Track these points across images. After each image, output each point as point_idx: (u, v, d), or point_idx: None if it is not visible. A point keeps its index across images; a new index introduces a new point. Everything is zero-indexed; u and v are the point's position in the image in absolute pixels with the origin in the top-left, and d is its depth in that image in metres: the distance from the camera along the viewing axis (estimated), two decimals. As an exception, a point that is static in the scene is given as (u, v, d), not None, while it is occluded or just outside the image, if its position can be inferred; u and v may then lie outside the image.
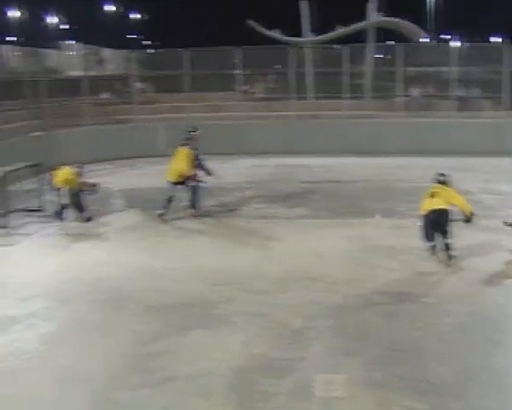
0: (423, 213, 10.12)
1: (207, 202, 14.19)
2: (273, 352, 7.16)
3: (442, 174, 10.48)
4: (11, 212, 13.32)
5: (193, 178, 13.41)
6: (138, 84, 25.74)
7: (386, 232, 11.94)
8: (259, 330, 7.74)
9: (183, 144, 13.74)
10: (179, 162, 13.35)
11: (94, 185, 13.67)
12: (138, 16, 74.31)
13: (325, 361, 6.91)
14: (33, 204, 14.25)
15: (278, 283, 9.35)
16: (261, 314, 8.21)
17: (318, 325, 7.81)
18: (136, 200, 15.10)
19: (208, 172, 13.82)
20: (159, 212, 13.19)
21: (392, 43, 27.29)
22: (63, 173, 13.29)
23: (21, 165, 14.05)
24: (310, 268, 9.97)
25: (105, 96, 27.15)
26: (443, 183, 10.34)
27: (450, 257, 9.83)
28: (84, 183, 13.44)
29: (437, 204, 9.96)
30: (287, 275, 9.68)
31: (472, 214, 10.07)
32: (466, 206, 10.09)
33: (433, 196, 10.12)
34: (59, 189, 13.25)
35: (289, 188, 16.11)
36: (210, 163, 14.04)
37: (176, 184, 13.33)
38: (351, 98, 23.72)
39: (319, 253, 10.78)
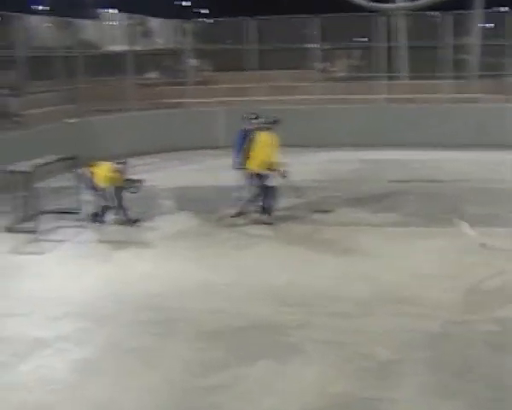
0: None
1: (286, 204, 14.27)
2: (354, 390, 7.08)
3: None
4: (40, 214, 13.60)
5: (279, 172, 13.53)
6: (193, 61, 25.95)
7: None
8: (338, 362, 7.67)
9: (266, 129, 13.79)
10: (264, 149, 13.44)
11: (139, 182, 13.84)
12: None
13: (419, 404, 6.81)
14: (67, 205, 14.55)
15: (362, 305, 9.28)
16: (340, 343, 8.15)
17: (410, 358, 7.70)
18: (189, 201, 15.25)
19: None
20: (232, 213, 13.38)
21: (506, 9, 26.81)
22: (103, 170, 13.50)
23: (52, 158, 14.30)
24: (400, 288, 9.87)
25: (152, 75, 27.47)
26: None
27: None
28: (128, 181, 13.62)
29: None
30: (372, 295, 9.60)
31: None
32: None
33: None
34: (98, 188, 13.47)
35: (375, 188, 16.00)
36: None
37: (254, 176, 13.52)
38: (452, 78, 23.40)
39: (412, 269, 10.67)
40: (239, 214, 13.49)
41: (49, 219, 13.96)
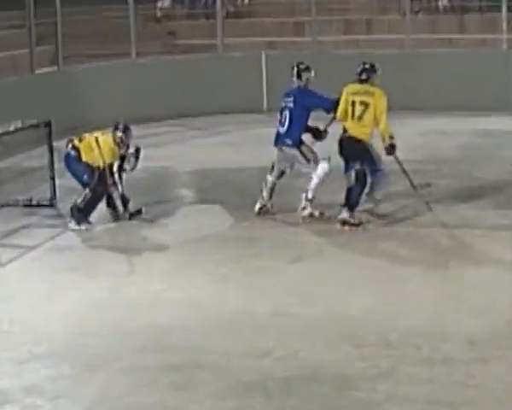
0: None
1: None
2: None
3: None
4: (1, 207, 13.73)
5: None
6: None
7: None
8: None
9: (362, 81, 14.02)
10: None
11: (136, 154, 13.88)
12: None
13: None
14: (38, 194, 14.68)
15: (475, 346, 9.27)
16: (442, 403, 8.14)
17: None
18: (216, 190, 15.31)
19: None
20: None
21: None
22: (105, 142, 13.65)
23: (18, 125, 14.43)
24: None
25: (165, 3, 27.63)
26: None
27: None
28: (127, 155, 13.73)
29: None
30: (490, 332, 9.58)
31: None
32: None
33: None
34: (92, 169, 13.58)
35: (497, 174, 15.91)
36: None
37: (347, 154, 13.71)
38: None
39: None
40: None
41: (13, 214, 14.10)
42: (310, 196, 13.50)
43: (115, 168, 13.70)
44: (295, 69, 13.98)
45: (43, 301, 10.93)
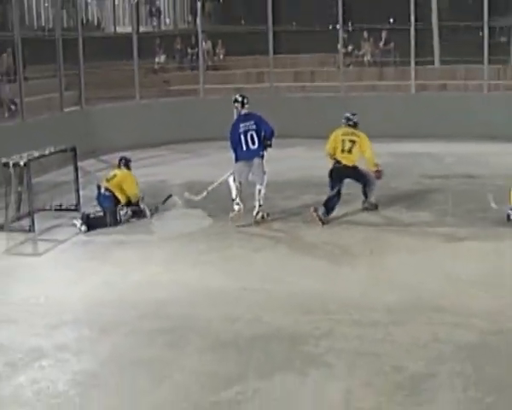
0: None
1: (294, 204, 14.27)
2: (384, 406, 7.04)
3: None
4: (36, 211, 13.65)
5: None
6: (205, 44, 25.98)
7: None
8: (365, 375, 7.64)
9: (350, 126, 14.25)
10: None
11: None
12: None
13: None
14: (65, 202, 14.64)
15: (392, 313, 9.25)
16: (368, 354, 8.13)
17: (445, 371, 7.66)
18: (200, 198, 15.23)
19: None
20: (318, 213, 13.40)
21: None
22: (131, 187, 14.02)
23: (50, 150, 14.37)
24: (434, 294, 9.83)
25: (161, 59, 27.57)
26: None
27: None
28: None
29: None
30: (404, 303, 9.57)
31: None
32: None
33: None
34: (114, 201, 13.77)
35: (408, 185, 15.94)
36: (297, 150, 14.04)
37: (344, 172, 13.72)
38: (492, 63, 23.32)
39: (447, 274, 10.63)
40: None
41: (46, 217, 14.04)
42: (261, 202, 13.45)
43: (140, 200, 14.04)
44: (244, 99, 13.79)
45: (69, 281, 10.87)
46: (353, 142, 13.77)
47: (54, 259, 12.08)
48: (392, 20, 26.14)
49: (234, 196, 13.35)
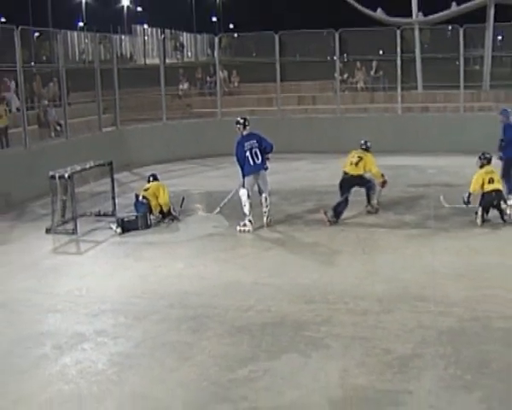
0: None
1: (298, 209, 14.25)
2: (374, 382, 7.03)
3: None
4: (79, 216, 13.69)
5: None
6: (222, 73, 26.02)
7: (509, 245, 11.77)
8: (359, 356, 7.64)
9: (363, 149, 14.45)
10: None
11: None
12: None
13: (437, 396, 6.76)
14: (103, 208, 14.71)
15: (382, 303, 9.24)
16: (361, 338, 8.12)
17: (429, 353, 7.65)
18: (218, 204, 15.24)
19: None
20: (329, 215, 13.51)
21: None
22: (163, 196, 14.09)
23: (90, 164, 14.41)
24: (418, 286, 9.81)
25: (184, 86, 27.62)
26: None
27: None
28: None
29: None
30: (392, 294, 9.54)
31: None
32: None
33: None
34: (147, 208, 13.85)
35: (396, 192, 15.87)
36: (301, 163, 14.00)
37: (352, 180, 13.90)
38: (466, 88, 23.30)
39: (428, 268, 10.62)
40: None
41: (87, 221, 14.09)
42: (269, 208, 13.46)
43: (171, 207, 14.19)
44: (245, 121, 13.71)
45: (107, 276, 10.90)
46: (360, 158, 14.01)
47: (94, 257, 12.11)
48: (381, 52, 26.13)
49: (247, 212, 13.24)
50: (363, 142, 14.59)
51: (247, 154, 13.30)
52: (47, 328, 8.81)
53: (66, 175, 13.30)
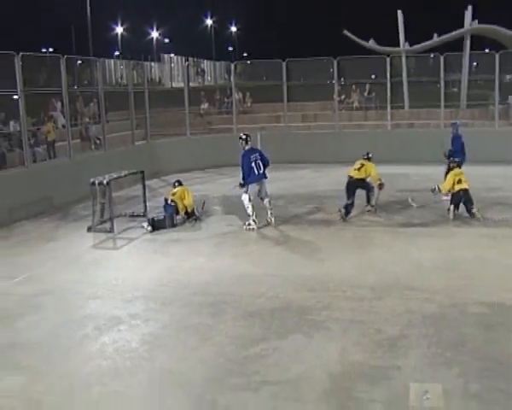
0: None
1: (301, 210, 14.23)
2: (368, 359, 7.03)
3: None
4: (116, 217, 13.72)
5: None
6: (237, 95, 26.04)
7: (481, 241, 11.73)
8: (355, 337, 7.62)
9: (365, 159, 14.43)
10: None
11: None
12: (234, 29, 75.77)
13: (420, 371, 6.74)
14: (136, 210, 14.73)
15: (375, 291, 9.20)
16: (357, 322, 8.09)
17: (414, 334, 7.63)
18: (232, 207, 15.20)
19: None
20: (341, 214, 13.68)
21: (487, 51, 26.66)
22: (189, 198, 14.13)
23: (125, 172, 14.44)
24: (406, 277, 9.78)
25: (204, 106, 27.64)
26: None
27: None
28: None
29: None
30: (383, 283, 9.51)
31: None
32: None
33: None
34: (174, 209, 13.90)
35: (386, 196, 15.78)
36: (304, 172, 13.98)
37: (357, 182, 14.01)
38: (446, 107, 23.27)
39: (415, 262, 10.60)
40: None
41: (122, 221, 14.12)
42: (272, 211, 13.55)
43: (195, 209, 14.24)
44: (248, 137, 13.70)
45: (139, 268, 10.91)
46: (362, 165, 14.14)
47: (128, 252, 12.13)
48: (373, 76, 26.10)
49: (251, 213, 13.29)
50: (365, 153, 14.59)
51: (253, 164, 13.35)
52: (88, 312, 8.84)
53: (105, 182, 13.33)
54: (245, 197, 13.33)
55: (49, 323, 8.48)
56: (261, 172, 13.40)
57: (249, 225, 13.29)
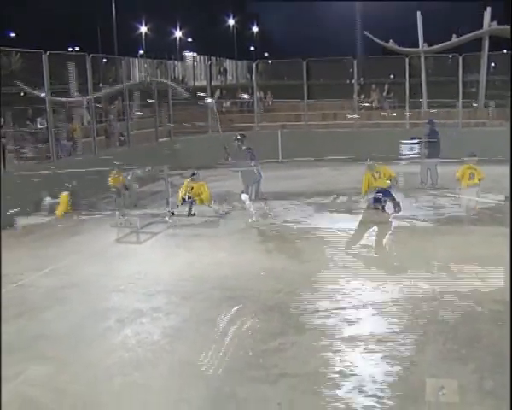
0: None
1: (321, 206, 14.24)
2: (392, 352, 7.02)
3: None
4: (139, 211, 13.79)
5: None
6: (259, 94, 26.02)
7: (497, 240, 11.59)
8: (372, 330, 7.64)
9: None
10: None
11: None
12: (256, 29, 75.84)
13: (437, 366, 6.72)
14: (159, 205, 14.76)
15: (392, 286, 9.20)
16: (374, 315, 8.10)
17: (431, 331, 7.61)
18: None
19: None
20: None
21: (505, 51, 26.44)
22: (206, 193, 14.19)
23: (149, 168, 14.48)
24: (423, 277, 9.75)
25: (227, 104, 27.65)
26: None
27: None
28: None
29: None
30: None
31: None
32: None
33: None
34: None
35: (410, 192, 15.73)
36: (324, 169, 13.94)
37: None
38: (464, 107, 23.12)
39: (432, 259, 10.53)
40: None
41: (146, 216, 14.16)
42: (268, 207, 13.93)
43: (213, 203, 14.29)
44: (244, 138, 14.10)
45: (162, 262, 10.99)
46: (380, 172, 14.00)
47: (151, 246, 12.19)
48: (392, 76, 25.97)
49: (253, 210, 13.53)
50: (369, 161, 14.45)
51: (252, 164, 13.59)
52: (112, 305, 8.91)
53: (129, 177, 13.39)
54: (245, 198, 13.53)
55: (74, 315, 8.56)
56: (261, 172, 13.78)
57: (253, 220, 13.41)
